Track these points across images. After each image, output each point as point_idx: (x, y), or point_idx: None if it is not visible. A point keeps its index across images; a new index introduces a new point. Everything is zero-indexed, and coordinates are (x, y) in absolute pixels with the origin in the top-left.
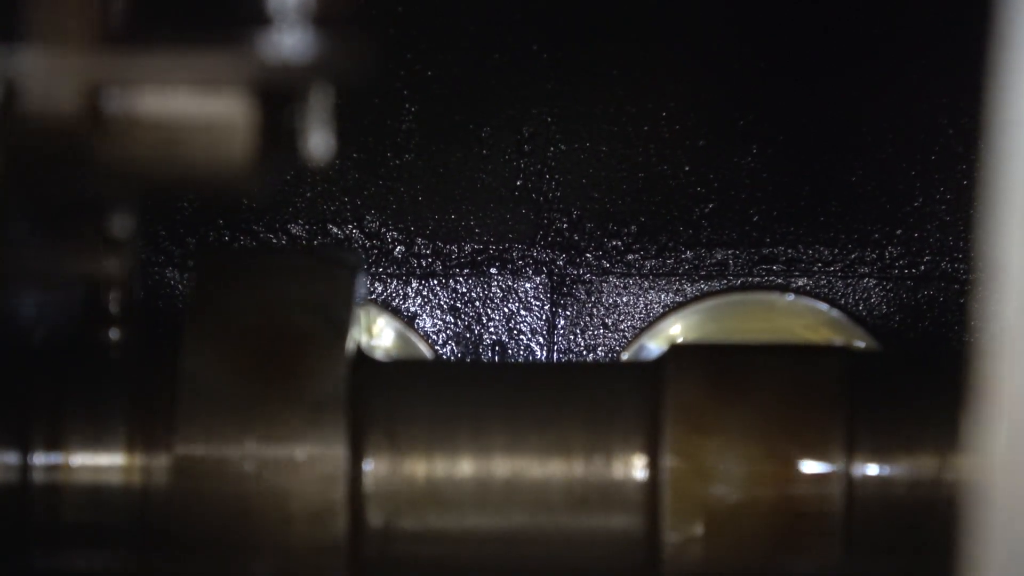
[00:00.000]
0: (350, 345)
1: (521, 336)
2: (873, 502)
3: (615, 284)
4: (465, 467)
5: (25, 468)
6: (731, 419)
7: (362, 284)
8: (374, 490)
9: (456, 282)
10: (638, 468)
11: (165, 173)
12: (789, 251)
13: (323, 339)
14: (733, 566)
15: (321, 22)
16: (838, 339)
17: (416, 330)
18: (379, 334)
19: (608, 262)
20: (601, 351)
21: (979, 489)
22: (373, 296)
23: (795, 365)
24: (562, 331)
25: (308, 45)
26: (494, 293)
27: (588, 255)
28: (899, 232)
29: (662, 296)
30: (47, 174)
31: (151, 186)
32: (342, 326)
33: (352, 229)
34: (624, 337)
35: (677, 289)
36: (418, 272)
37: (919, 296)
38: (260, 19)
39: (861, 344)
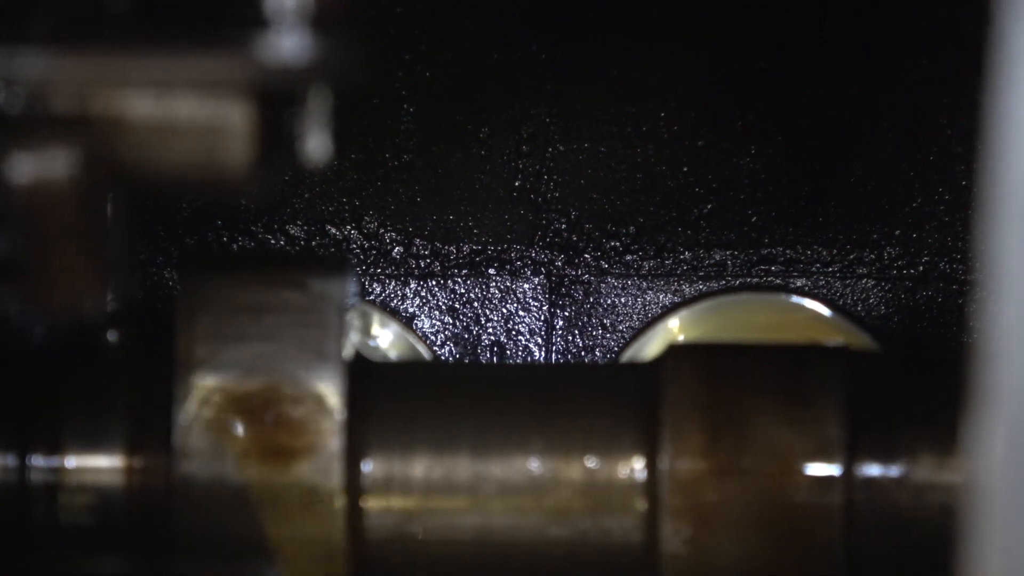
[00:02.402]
0: (347, 346)
1: (519, 337)
2: (872, 503)
3: (613, 285)
4: (463, 468)
5: (24, 469)
6: (729, 420)
7: (354, 293)
8: (373, 490)
9: (454, 283)
10: (636, 469)
11: (164, 174)
12: (788, 251)
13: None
14: (732, 567)
15: (320, 23)
16: (837, 339)
17: (414, 331)
18: (377, 335)
19: (607, 263)
20: (599, 352)
21: (978, 490)
22: (371, 297)
23: (794, 366)
24: (560, 332)
25: (307, 46)
26: (492, 294)
27: (587, 256)
28: (898, 232)
29: (660, 297)
30: (46, 175)
31: (150, 187)
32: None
33: (350, 230)
34: (622, 338)
35: (676, 290)
36: (416, 273)
37: (918, 296)
38: (259, 21)
39: (860, 345)
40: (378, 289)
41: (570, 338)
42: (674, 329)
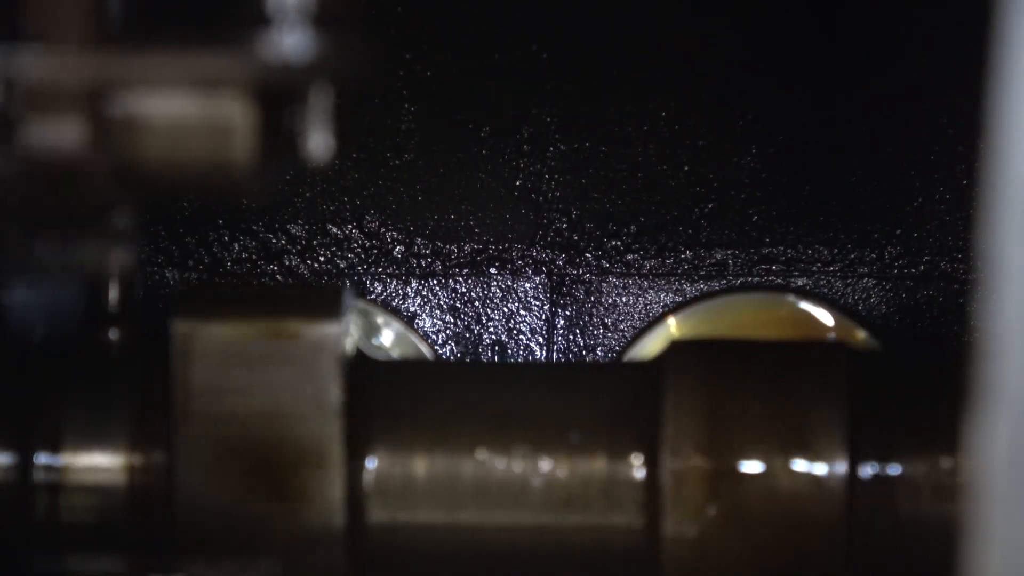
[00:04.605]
0: (348, 349)
1: (521, 336)
2: (873, 501)
3: (614, 284)
4: (464, 466)
5: (25, 468)
6: (730, 419)
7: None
8: (374, 490)
9: (456, 282)
10: (637, 467)
11: (165, 173)
12: (788, 251)
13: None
14: (732, 565)
15: (321, 22)
16: (837, 339)
17: (416, 330)
18: (378, 334)
19: (607, 262)
20: (600, 351)
21: (980, 490)
22: (372, 296)
23: (795, 365)
24: (561, 331)
25: (308, 45)
26: (494, 293)
27: (587, 255)
28: (899, 232)
29: (661, 296)
30: (46, 175)
31: (151, 186)
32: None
33: (352, 229)
34: (623, 337)
35: (677, 289)
36: (418, 272)
37: (918, 296)
38: (260, 19)
39: (861, 344)
40: (379, 288)
41: (571, 337)
42: (675, 329)
